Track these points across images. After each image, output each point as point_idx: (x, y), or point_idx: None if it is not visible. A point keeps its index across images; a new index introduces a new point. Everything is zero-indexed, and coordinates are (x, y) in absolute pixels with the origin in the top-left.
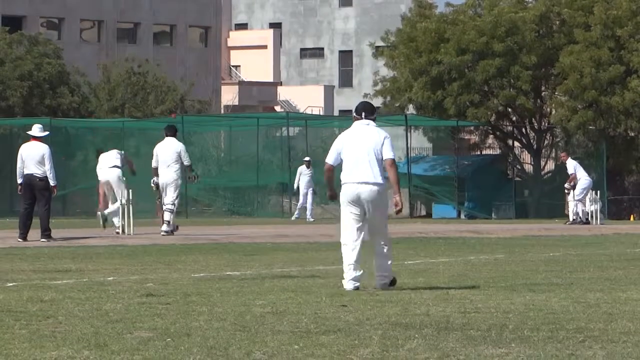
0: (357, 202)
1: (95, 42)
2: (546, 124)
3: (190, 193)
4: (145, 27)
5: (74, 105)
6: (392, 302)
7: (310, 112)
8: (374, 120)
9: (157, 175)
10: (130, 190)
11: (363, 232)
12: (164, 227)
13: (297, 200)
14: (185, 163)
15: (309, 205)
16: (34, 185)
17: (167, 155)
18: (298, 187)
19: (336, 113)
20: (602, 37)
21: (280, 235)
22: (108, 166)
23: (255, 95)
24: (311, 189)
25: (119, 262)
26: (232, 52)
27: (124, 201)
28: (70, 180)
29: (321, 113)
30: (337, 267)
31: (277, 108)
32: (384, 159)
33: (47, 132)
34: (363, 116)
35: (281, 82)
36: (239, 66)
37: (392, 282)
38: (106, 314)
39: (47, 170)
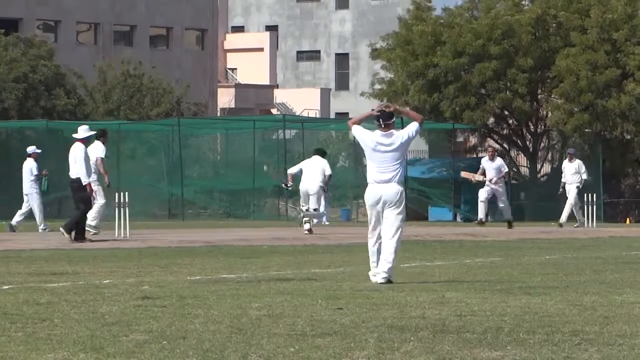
0: (378, 201)
1: (91, 45)
2: (542, 127)
3: (187, 196)
4: (142, 30)
5: (70, 107)
6: (388, 305)
7: (307, 115)
8: (392, 123)
9: (292, 179)
10: (126, 193)
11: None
12: (306, 226)
13: (294, 204)
14: (327, 173)
15: (322, 209)
16: (72, 187)
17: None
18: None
19: (332, 116)
20: (599, 40)
21: (277, 238)
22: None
23: (252, 98)
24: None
25: (115, 264)
26: (229, 54)
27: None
28: (66, 182)
29: (317, 116)
30: (333, 270)
31: (274, 111)
32: (414, 126)
33: (89, 133)
34: (381, 122)
35: (277, 85)
36: (236, 69)
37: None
38: (102, 317)
39: (79, 170)
